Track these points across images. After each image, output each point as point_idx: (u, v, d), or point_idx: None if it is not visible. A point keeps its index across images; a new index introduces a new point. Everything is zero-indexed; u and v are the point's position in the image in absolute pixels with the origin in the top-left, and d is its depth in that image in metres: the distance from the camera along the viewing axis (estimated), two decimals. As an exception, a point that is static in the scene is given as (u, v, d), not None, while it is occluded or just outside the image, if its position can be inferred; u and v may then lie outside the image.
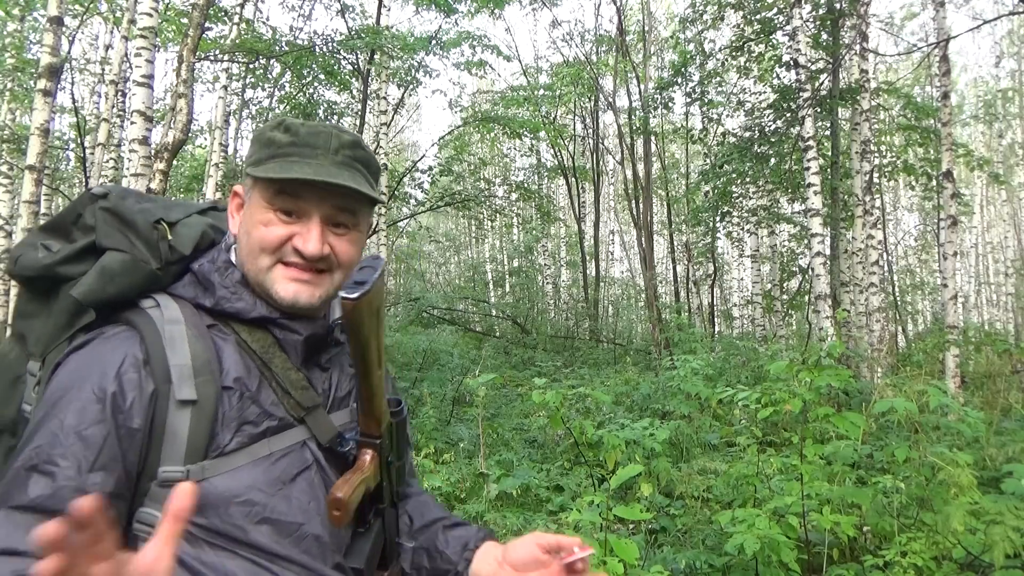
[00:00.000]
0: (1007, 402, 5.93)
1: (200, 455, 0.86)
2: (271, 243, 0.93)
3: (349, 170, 0.94)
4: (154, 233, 0.94)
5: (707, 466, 4.09)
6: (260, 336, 0.95)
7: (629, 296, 20.11)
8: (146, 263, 0.92)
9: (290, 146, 0.93)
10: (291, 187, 0.92)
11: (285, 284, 0.93)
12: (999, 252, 22.44)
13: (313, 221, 0.93)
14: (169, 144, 4.72)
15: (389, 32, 10.37)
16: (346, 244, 0.97)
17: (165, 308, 0.92)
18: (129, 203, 0.96)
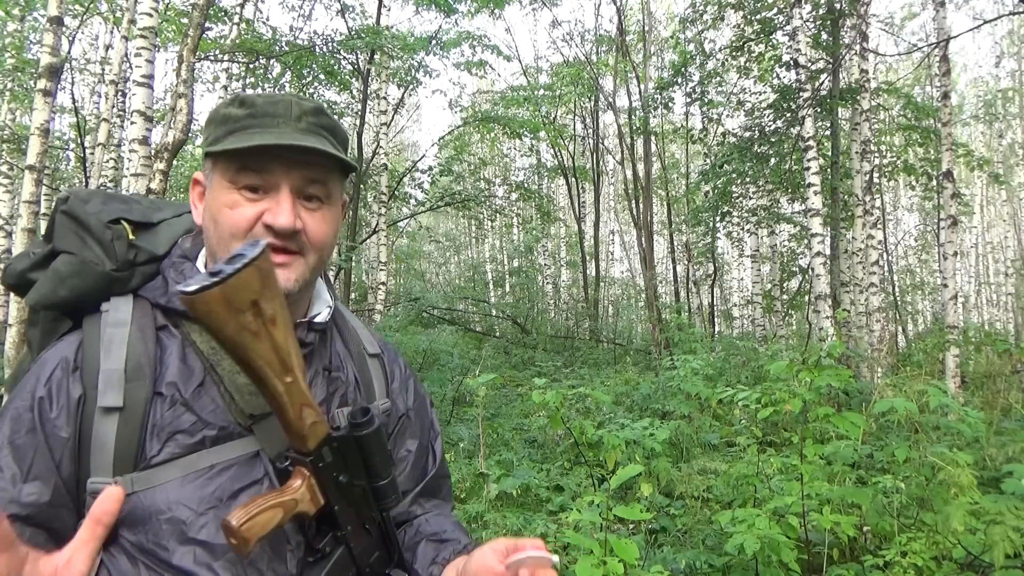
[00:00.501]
0: (1007, 402, 5.93)
1: (129, 466, 0.81)
2: (240, 226, 0.85)
3: (315, 136, 0.87)
4: (107, 233, 0.89)
5: (707, 466, 4.10)
6: (206, 336, 0.87)
7: (629, 296, 20.12)
8: (98, 264, 0.88)
9: (248, 118, 0.86)
10: (254, 160, 0.84)
11: None
12: (999, 252, 22.44)
13: (282, 193, 0.85)
14: (169, 144, 4.72)
15: (389, 32, 10.38)
16: (319, 221, 0.89)
17: (115, 310, 0.88)
18: (89, 205, 0.91)
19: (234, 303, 0.69)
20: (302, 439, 0.79)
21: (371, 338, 1.08)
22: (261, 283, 0.70)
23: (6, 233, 9.93)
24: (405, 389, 1.10)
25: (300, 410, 0.77)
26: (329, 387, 0.96)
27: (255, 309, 0.71)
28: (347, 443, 0.83)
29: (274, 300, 0.72)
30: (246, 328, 0.71)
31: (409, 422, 1.09)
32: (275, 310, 0.72)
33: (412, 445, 1.09)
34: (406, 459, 1.08)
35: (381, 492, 0.87)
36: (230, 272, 0.68)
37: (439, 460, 1.14)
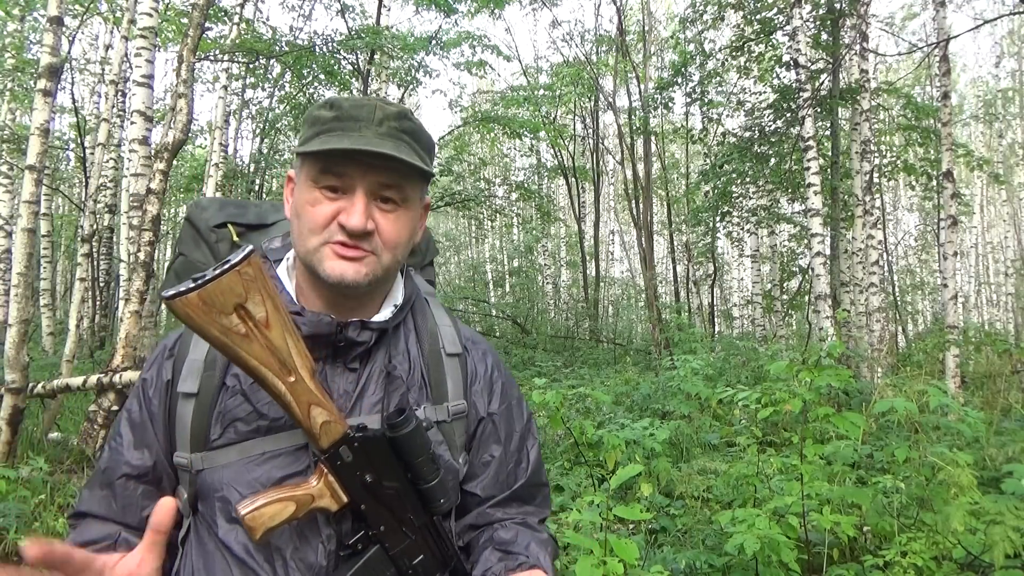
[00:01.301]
0: (1007, 402, 5.93)
1: (200, 445, 0.91)
2: (318, 222, 0.90)
3: (394, 141, 0.90)
4: (212, 236, 1.01)
5: (707, 466, 4.10)
6: None
7: (629, 296, 20.13)
8: (204, 264, 1.00)
9: (333, 121, 0.90)
10: (335, 163, 0.89)
11: (332, 262, 0.90)
12: (999, 252, 22.45)
13: (357, 195, 0.90)
14: (169, 144, 4.73)
15: (389, 32, 10.37)
16: (392, 222, 0.93)
17: None
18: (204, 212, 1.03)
19: (215, 306, 0.73)
20: (314, 437, 0.82)
21: (455, 337, 1.07)
22: (245, 288, 0.74)
23: (6, 233, 9.93)
24: (488, 391, 1.07)
25: (308, 409, 0.80)
26: (388, 387, 0.97)
27: (241, 312, 0.75)
28: (372, 443, 0.85)
29: (264, 303, 0.76)
30: (233, 330, 0.75)
31: (493, 427, 1.06)
32: (267, 313, 0.76)
33: (496, 450, 1.06)
34: (489, 464, 1.05)
35: (427, 495, 0.88)
36: (208, 278, 0.72)
37: (532, 467, 1.09)
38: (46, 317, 11.61)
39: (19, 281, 4.63)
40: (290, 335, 0.79)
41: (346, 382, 0.95)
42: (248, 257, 0.74)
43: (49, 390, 4.89)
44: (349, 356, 0.95)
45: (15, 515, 3.41)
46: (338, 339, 0.93)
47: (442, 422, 0.99)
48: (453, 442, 1.00)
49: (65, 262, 16.04)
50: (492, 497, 1.05)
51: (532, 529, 1.05)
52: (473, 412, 1.04)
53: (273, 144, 13.88)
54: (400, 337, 1.01)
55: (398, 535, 0.87)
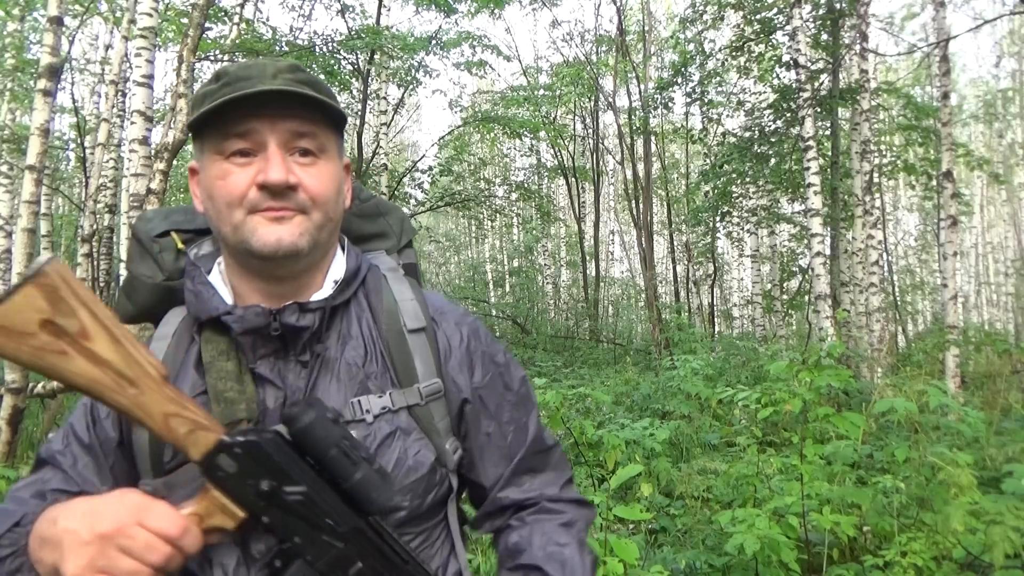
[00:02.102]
0: (1007, 402, 5.93)
1: (160, 470, 0.84)
2: (235, 193, 0.81)
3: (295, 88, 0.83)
4: (155, 247, 0.93)
5: (707, 466, 4.09)
6: (215, 340, 0.86)
7: (629, 296, 20.13)
8: (149, 277, 0.93)
9: (223, 87, 0.82)
10: (235, 124, 0.81)
11: (263, 229, 0.81)
12: (999, 252, 22.45)
13: (270, 149, 0.81)
14: (169, 144, 4.72)
15: (389, 32, 10.38)
16: (315, 176, 0.84)
17: (165, 323, 0.92)
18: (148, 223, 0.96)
19: (15, 328, 0.65)
20: (184, 451, 0.74)
21: (417, 311, 0.95)
22: (48, 299, 0.65)
23: (6, 233, 9.92)
24: (468, 364, 0.95)
25: (165, 421, 0.72)
26: (345, 377, 0.88)
27: (50, 328, 0.66)
28: (259, 446, 0.74)
29: (77, 313, 0.67)
30: (46, 349, 0.67)
31: (481, 402, 0.95)
32: (83, 323, 0.67)
33: (490, 426, 0.96)
34: (486, 444, 0.95)
35: (353, 495, 0.77)
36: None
37: (533, 432, 0.99)
38: (46, 317, 11.59)
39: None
40: (123, 342, 0.70)
41: (297, 378, 0.86)
42: (44, 267, 0.65)
43: (49, 390, 4.89)
44: (298, 347, 0.86)
45: (15, 515, 3.40)
46: (272, 329, 0.84)
47: (414, 406, 0.89)
48: (432, 426, 0.90)
49: (65, 262, 16.01)
50: (496, 480, 0.96)
51: (548, 513, 0.95)
52: (454, 389, 0.94)
53: (273, 144, 13.86)
54: (352, 320, 0.92)
55: (319, 545, 0.76)
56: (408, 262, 1.07)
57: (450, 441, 0.92)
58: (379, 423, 0.87)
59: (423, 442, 0.89)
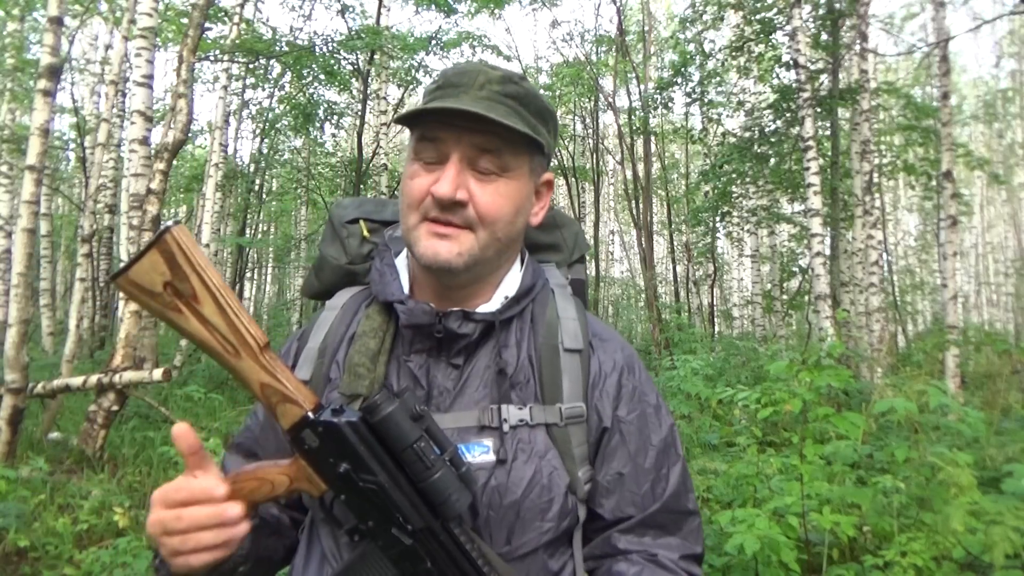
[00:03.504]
0: (1007, 402, 5.92)
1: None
2: (415, 196, 0.85)
3: (494, 104, 0.82)
4: (343, 231, 1.02)
5: (707, 466, 4.09)
6: (373, 318, 0.91)
7: (629, 296, 20.12)
8: (336, 259, 1.01)
9: (436, 90, 0.86)
10: (429, 129, 0.84)
11: (425, 241, 0.84)
12: (999, 252, 22.47)
13: (450, 162, 0.83)
14: (169, 144, 4.72)
15: (389, 32, 10.38)
16: (489, 192, 0.84)
17: (336, 297, 1.00)
18: (342, 209, 1.04)
19: (145, 286, 0.73)
20: (275, 419, 0.78)
21: (577, 331, 0.93)
22: (168, 264, 0.72)
23: (6, 233, 9.93)
24: (615, 395, 0.92)
25: (261, 388, 0.76)
26: (496, 385, 0.87)
27: (171, 290, 0.73)
28: (338, 430, 0.76)
29: (190, 279, 0.73)
30: (168, 307, 0.74)
31: (620, 437, 0.91)
32: (194, 288, 0.73)
33: (625, 465, 0.90)
34: (617, 481, 0.90)
35: (427, 495, 0.77)
36: (132, 259, 0.72)
37: (673, 488, 0.91)
38: (46, 317, 11.61)
39: (19, 281, 4.63)
40: (227, 310, 0.75)
41: (446, 378, 0.87)
42: (164, 234, 0.72)
43: (49, 390, 4.89)
44: (452, 350, 0.88)
45: (15, 515, 3.41)
46: (436, 330, 0.86)
47: (553, 425, 0.86)
48: (568, 451, 0.86)
49: (65, 262, 16.04)
50: (620, 520, 0.90)
51: (663, 568, 0.87)
52: (595, 417, 0.90)
53: (273, 144, 13.88)
54: (512, 330, 0.91)
55: (388, 536, 0.78)
56: (576, 278, 1.05)
57: (584, 470, 0.89)
58: (515, 434, 0.85)
59: (558, 464, 0.86)
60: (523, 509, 0.83)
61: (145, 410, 5.91)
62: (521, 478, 0.84)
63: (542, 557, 0.85)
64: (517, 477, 0.84)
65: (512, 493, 0.83)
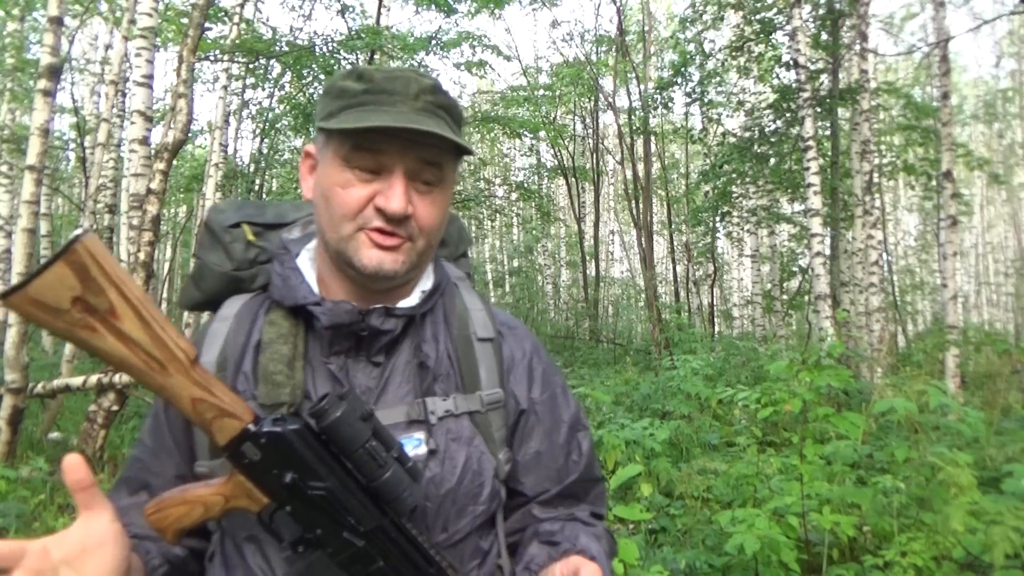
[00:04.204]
0: (1007, 402, 5.92)
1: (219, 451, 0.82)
2: (352, 207, 0.83)
3: (432, 117, 0.83)
4: (226, 236, 0.96)
5: (707, 466, 4.09)
6: (278, 324, 0.88)
7: (629, 296, 20.11)
8: (219, 266, 0.95)
9: (364, 94, 0.83)
10: (369, 139, 0.82)
11: (369, 251, 0.84)
12: (999, 252, 22.47)
13: (396, 176, 0.83)
14: (169, 144, 4.72)
15: (389, 32, 10.38)
16: (429, 205, 0.86)
17: (226, 307, 0.94)
18: (221, 214, 0.98)
19: (49, 303, 0.66)
20: (210, 435, 0.75)
21: (487, 320, 0.98)
22: (79, 277, 0.66)
23: (6, 233, 9.93)
24: (528, 379, 0.98)
25: (192, 405, 0.73)
26: (418, 379, 0.90)
27: (80, 305, 0.66)
28: (284, 439, 0.74)
29: (107, 292, 0.67)
30: (77, 325, 0.67)
31: (535, 418, 0.97)
32: (112, 302, 0.67)
33: (542, 443, 0.97)
34: (535, 459, 0.96)
35: (379, 495, 0.77)
36: (34, 273, 0.65)
37: (585, 459, 1.00)
38: (46, 317, 11.59)
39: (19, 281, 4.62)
40: (153, 323, 0.70)
41: (368, 377, 0.88)
42: (73, 244, 0.65)
43: (49, 390, 4.89)
44: (373, 348, 0.89)
45: (15, 515, 3.41)
46: (361, 328, 0.87)
47: (475, 413, 0.91)
48: (490, 435, 0.91)
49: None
50: (540, 494, 0.97)
51: (582, 523, 0.96)
52: (512, 402, 0.96)
53: (273, 144, 13.88)
54: (427, 324, 0.94)
55: (339, 541, 0.77)
56: (464, 272, 1.09)
57: (503, 452, 0.94)
58: (442, 425, 0.88)
59: (484, 448, 0.91)
60: (458, 496, 0.87)
61: (145, 410, 5.92)
62: (455, 466, 0.87)
63: (474, 540, 0.90)
64: (451, 466, 0.87)
65: (448, 482, 0.87)
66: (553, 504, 0.97)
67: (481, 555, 0.91)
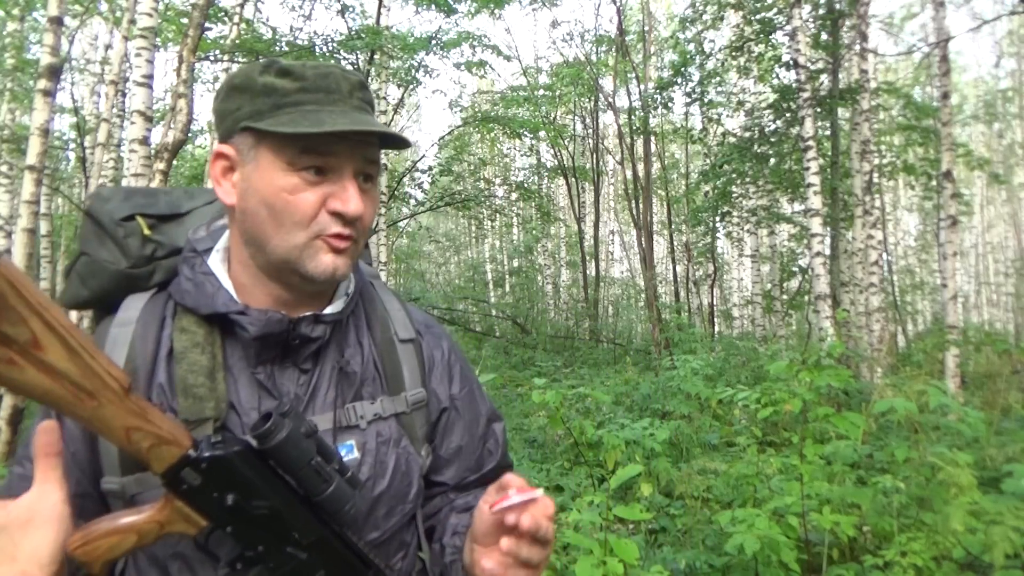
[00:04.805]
0: (1007, 402, 5.92)
1: (133, 467, 0.78)
2: (307, 213, 0.79)
3: (367, 114, 0.83)
4: (119, 231, 0.88)
5: (707, 466, 4.09)
6: (191, 331, 0.82)
7: (629, 296, 20.11)
8: (112, 263, 0.88)
9: (300, 92, 0.79)
10: (321, 141, 0.79)
11: (324, 257, 0.81)
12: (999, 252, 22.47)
13: (347, 177, 0.81)
14: (169, 144, 4.72)
15: (389, 32, 10.38)
16: (370, 202, 0.84)
17: (124, 309, 0.87)
18: (107, 203, 0.90)
19: None
20: (145, 464, 0.71)
21: (406, 321, 0.98)
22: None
23: (6, 233, 9.93)
24: (448, 377, 1.00)
25: (127, 435, 0.68)
26: (342, 384, 0.88)
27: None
28: (226, 462, 0.72)
29: (28, 322, 0.61)
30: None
31: (456, 414, 1.00)
32: (34, 332, 0.61)
33: (463, 437, 1.00)
34: (456, 452, 0.99)
35: (323, 508, 0.76)
36: None
37: (501, 449, 1.04)
38: (46, 317, 11.59)
39: (19, 281, 4.62)
40: (81, 352, 0.64)
41: (295, 385, 0.86)
42: None
43: (49, 390, 4.89)
44: (301, 356, 0.86)
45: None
46: (292, 337, 0.84)
47: (401, 414, 0.92)
48: (414, 434, 0.93)
49: (65, 262, 16.04)
50: (459, 482, 1.00)
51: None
52: (434, 400, 0.97)
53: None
54: (350, 327, 0.93)
55: (282, 556, 0.76)
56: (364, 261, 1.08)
57: (424, 448, 0.96)
58: (372, 429, 0.89)
59: (411, 449, 0.92)
60: (389, 497, 0.89)
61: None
62: (385, 470, 0.89)
63: (400, 535, 0.92)
64: (381, 469, 0.88)
65: (379, 485, 0.88)
66: (469, 488, 1.01)
67: (405, 548, 0.93)
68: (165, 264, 0.90)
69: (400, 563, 0.92)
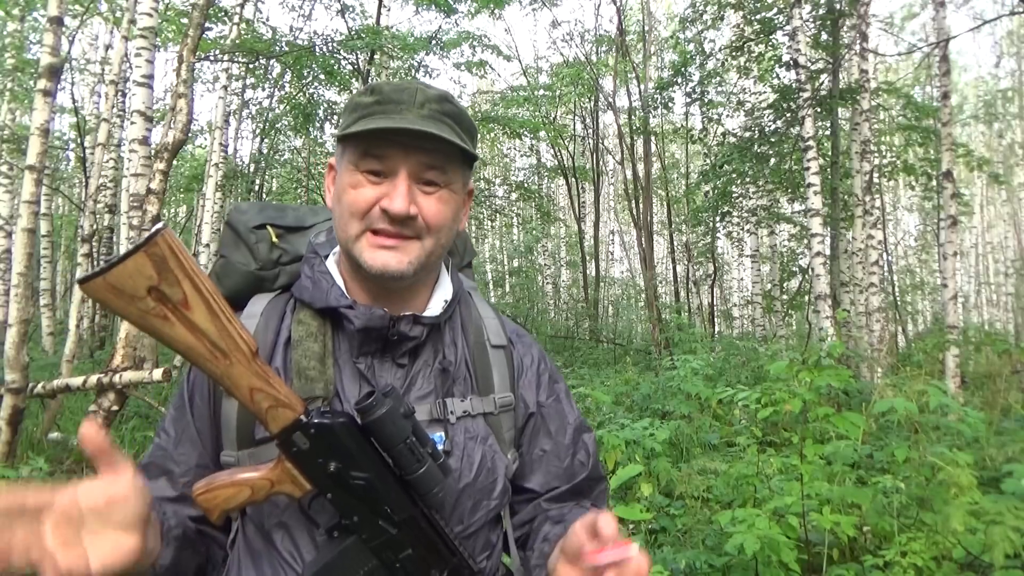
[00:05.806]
0: (1007, 402, 5.92)
1: (247, 442, 0.89)
2: (360, 207, 0.89)
3: (437, 123, 0.88)
4: (252, 237, 1.01)
5: (707, 466, 4.09)
6: (307, 323, 0.93)
7: (629, 296, 20.11)
8: (244, 265, 1.00)
9: (374, 105, 0.89)
10: (376, 145, 0.88)
11: (372, 252, 0.89)
12: (999, 252, 22.47)
13: (399, 178, 0.88)
14: (169, 144, 4.72)
15: (389, 32, 10.38)
16: (436, 204, 0.90)
17: (251, 305, 0.99)
18: (244, 215, 1.03)
19: (125, 290, 0.69)
20: (263, 423, 0.80)
21: (499, 329, 1.06)
22: (156, 269, 0.69)
23: (6, 233, 9.92)
24: (536, 384, 1.06)
25: (250, 394, 0.77)
26: (439, 381, 0.96)
27: (155, 295, 0.70)
28: (331, 430, 0.80)
29: (181, 284, 0.70)
30: (151, 313, 0.70)
31: (543, 420, 1.05)
32: (185, 293, 0.71)
33: (547, 444, 1.05)
34: (542, 458, 1.04)
35: (414, 487, 0.82)
36: (114, 261, 0.68)
37: (592, 461, 1.08)
38: (46, 317, 11.60)
39: (19, 281, 4.62)
40: (220, 315, 0.74)
41: (393, 377, 0.94)
42: (154, 237, 0.68)
43: (49, 390, 4.89)
44: (399, 351, 0.94)
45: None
46: (391, 333, 0.92)
47: (488, 414, 0.98)
48: (501, 435, 0.98)
49: (65, 262, 16.04)
50: (550, 490, 1.04)
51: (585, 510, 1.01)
52: (521, 406, 1.03)
53: (273, 144, 13.88)
54: (446, 331, 1.01)
55: (374, 528, 0.83)
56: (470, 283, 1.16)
57: (511, 452, 1.01)
58: (460, 424, 0.95)
59: (497, 448, 0.98)
60: (474, 491, 0.94)
61: (145, 410, 5.92)
62: (472, 463, 0.94)
63: (485, 533, 0.97)
64: (469, 462, 0.94)
65: (465, 477, 0.93)
66: (562, 499, 1.04)
67: (490, 548, 0.98)
68: (289, 269, 1.01)
69: (485, 562, 0.96)
